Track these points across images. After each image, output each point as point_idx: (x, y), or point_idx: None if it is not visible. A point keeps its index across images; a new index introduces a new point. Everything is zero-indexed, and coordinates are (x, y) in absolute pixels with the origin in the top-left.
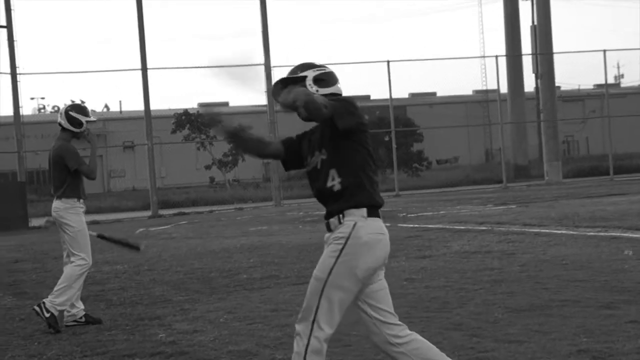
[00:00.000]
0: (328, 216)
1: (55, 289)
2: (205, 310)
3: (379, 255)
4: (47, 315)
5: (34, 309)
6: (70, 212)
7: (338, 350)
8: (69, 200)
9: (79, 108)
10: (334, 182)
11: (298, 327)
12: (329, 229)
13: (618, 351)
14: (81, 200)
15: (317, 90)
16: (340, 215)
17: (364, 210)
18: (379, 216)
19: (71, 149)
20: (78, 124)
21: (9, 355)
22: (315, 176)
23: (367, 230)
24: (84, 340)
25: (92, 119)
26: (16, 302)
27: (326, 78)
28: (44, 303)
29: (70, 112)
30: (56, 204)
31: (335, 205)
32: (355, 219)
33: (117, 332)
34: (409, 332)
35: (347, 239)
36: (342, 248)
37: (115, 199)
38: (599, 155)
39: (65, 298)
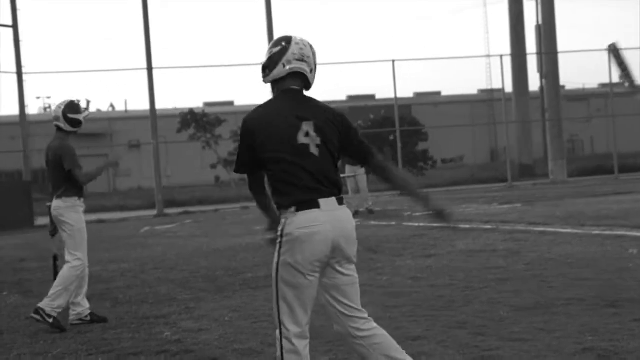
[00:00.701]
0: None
1: (51, 292)
2: (211, 308)
3: (316, 247)
4: (50, 320)
5: (32, 317)
6: (70, 211)
7: (343, 348)
8: (69, 199)
9: (73, 107)
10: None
11: (275, 333)
12: None
13: (623, 349)
14: (81, 199)
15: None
16: (279, 213)
17: (292, 207)
18: (316, 207)
19: (70, 149)
20: (77, 123)
21: (15, 354)
22: None
23: (296, 225)
24: (89, 339)
25: (86, 113)
26: (22, 301)
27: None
28: (42, 310)
29: (69, 115)
30: (56, 203)
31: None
32: (285, 215)
33: (122, 331)
34: (373, 325)
35: (281, 236)
36: (279, 247)
37: (121, 198)
38: (603, 154)
39: (62, 301)
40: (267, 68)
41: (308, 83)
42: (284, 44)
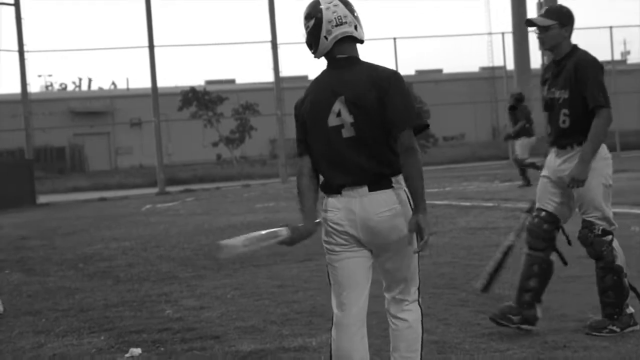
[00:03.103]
0: None
1: None
2: (212, 286)
3: (331, 233)
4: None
5: None
6: None
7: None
8: None
9: None
10: None
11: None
12: None
13: None
14: None
15: None
16: None
17: (323, 192)
18: (336, 193)
19: None
20: None
21: (17, 332)
22: None
23: (323, 208)
24: (91, 317)
25: None
26: (24, 279)
27: None
28: None
29: None
30: None
31: None
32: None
33: (124, 309)
34: (403, 316)
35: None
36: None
37: (123, 176)
38: None
39: None
40: (312, 45)
41: (358, 40)
42: (319, 15)
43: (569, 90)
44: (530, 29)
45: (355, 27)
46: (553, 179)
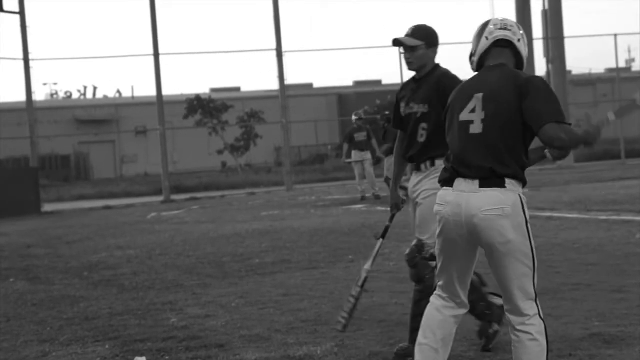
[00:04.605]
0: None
1: None
2: (218, 295)
3: (440, 226)
4: None
5: None
6: None
7: (350, 334)
8: None
9: None
10: None
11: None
12: None
13: (630, 335)
14: None
15: None
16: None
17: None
18: (449, 185)
19: None
20: None
21: (22, 340)
22: None
23: (436, 200)
24: (96, 326)
25: None
26: (29, 287)
27: None
28: None
29: None
30: None
31: None
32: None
33: (129, 317)
34: (522, 329)
35: None
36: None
37: (128, 184)
38: (610, 139)
39: None
40: (474, 54)
41: (518, 54)
42: (483, 24)
43: (429, 105)
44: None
45: (519, 40)
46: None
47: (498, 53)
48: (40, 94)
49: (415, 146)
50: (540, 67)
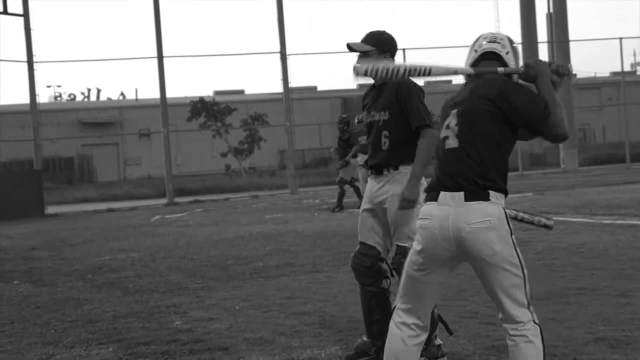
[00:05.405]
0: None
1: None
2: (221, 297)
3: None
4: None
5: None
6: None
7: (354, 338)
8: None
9: None
10: None
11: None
12: None
13: (635, 339)
14: None
15: None
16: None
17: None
18: (433, 199)
19: None
20: None
21: (26, 343)
22: None
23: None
24: (99, 328)
25: None
26: (32, 290)
27: None
28: None
29: None
30: None
31: None
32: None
33: (132, 320)
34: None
35: None
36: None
37: (131, 186)
38: (615, 143)
39: None
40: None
41: (506, 66)
42: (476, 38)
43: (389, 112)
44: (540, 38)
45: (507, 53)
46: (371, 207)
47: (485, 65)
48: (43, 97)
49: (379, 154)
50: None
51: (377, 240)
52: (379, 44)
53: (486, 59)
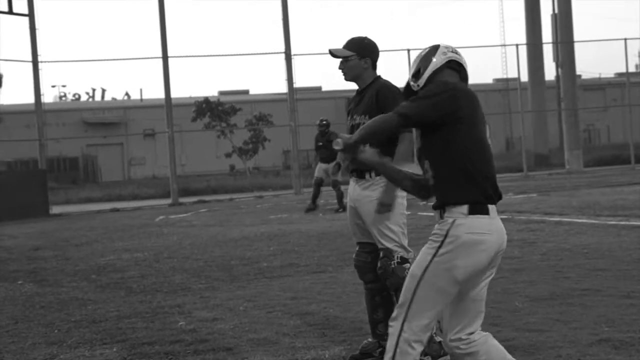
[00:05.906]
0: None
1: None
2: (225, 298)
3: (480, 257)
4: None
5: None
6: None
7: (357, 339)
8: None
9: None
10: (429, 174)
11: (390, 324)
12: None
13: (639, 341)
14: None
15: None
16: (441, 210)
17: (464, 207)
18: (486, 212)
19: None
20: None
21: (30, 343)
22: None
23: (465, 229)
24: (103, 328)
25: None
26: (37, 290)
27: None
28: None
29: None
30: None
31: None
32: (455, 216)
33: (136, 320)
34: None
35: (445, 237)
36: (439, 246)
37: (136, 186)
38: (620, 144)
39: None
40: (421, 69)
41: (466, 79)
42: (431, 45)
43: (369, 116)
44: (545, 39)
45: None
46: (355, 207)
47: (448, 75)
48: (48, 96)
49: None
50: (550, 72)
51: (368, 236)
52: (359, 49)
53: (449, 67)
